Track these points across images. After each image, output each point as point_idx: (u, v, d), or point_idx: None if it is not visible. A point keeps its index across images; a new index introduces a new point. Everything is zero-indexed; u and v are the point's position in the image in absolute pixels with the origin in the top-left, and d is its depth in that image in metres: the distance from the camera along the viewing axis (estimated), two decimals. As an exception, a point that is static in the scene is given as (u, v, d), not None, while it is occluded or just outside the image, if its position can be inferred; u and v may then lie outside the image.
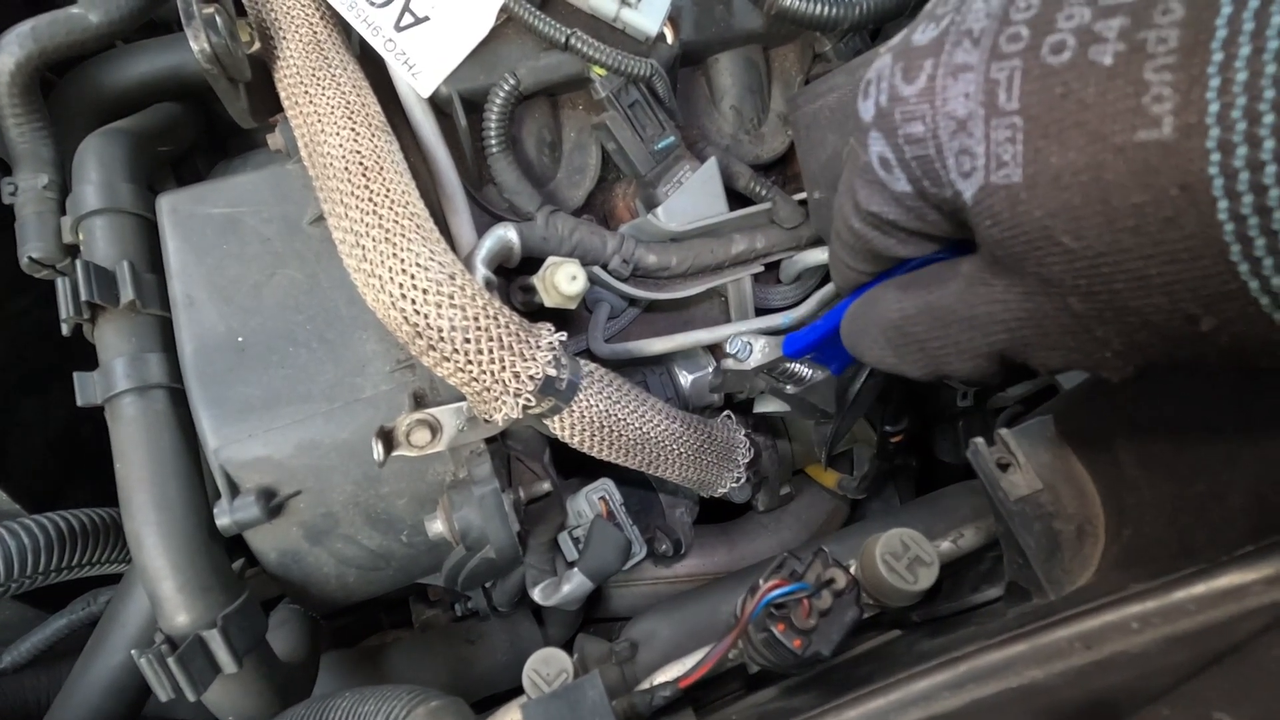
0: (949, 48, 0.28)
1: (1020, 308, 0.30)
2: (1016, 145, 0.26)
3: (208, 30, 0.55)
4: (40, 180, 0.68)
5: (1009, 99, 0.26)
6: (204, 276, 0.63)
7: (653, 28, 0.65)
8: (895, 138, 0.30)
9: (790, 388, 0.61)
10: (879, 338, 0.38)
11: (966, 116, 0.27)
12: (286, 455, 0.60)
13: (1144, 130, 0.23)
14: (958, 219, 0.31)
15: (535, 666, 0.55)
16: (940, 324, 0.34)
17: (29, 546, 0.64)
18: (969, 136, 0.27)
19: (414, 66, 0.63)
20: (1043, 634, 0.39)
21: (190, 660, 0.54)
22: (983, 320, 0.32)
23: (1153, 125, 0.23)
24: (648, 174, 0.70)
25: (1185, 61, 0.22)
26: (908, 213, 0.32)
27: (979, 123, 0.27)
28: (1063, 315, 0.28)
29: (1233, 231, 0.22)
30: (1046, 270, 0.27)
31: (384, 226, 0.53)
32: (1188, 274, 0.24)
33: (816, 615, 0.47)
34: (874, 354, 0.39)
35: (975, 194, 0.28)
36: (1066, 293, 0.27)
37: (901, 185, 0.31)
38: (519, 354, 0.54)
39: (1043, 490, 0.50)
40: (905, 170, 0.31)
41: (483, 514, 0.60)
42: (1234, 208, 0.22)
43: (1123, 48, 0.23)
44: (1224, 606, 0.33)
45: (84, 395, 0.62)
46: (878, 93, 0.31)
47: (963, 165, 0.28)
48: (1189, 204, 0.22)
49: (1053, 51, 0.25)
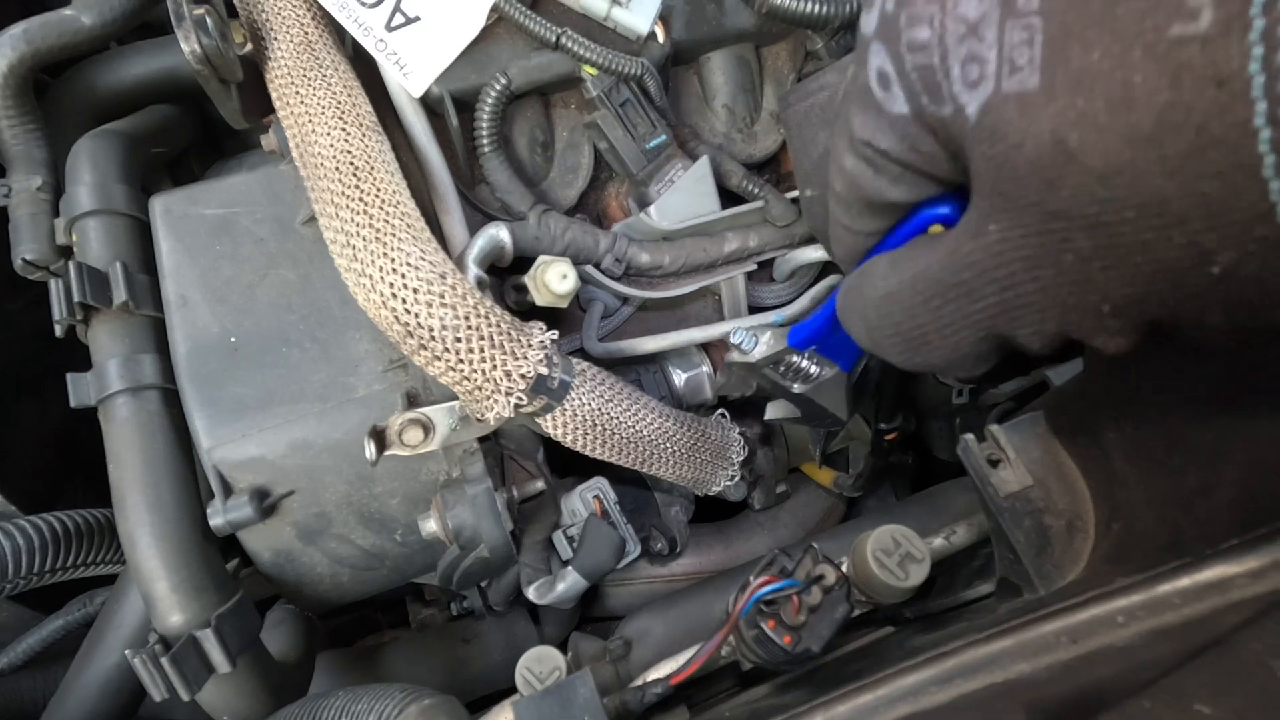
0: None
1: (1015, 256, 0.28)
2: (1034, 48, 0.24)
3: (198, 31, 0.55)
4: (34, 182, 0.68)
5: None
6: (197, 277, 0.63)
7: (644, 27, 0.65)
8: (898, 45, 0.28)
9: (798, 386, 0.60)
10: (863, 313, 0.37)
11: (979, 18, 0.26)
12: (279, 455, 0.60)
13: (1179, 24, 0.21)
14: (953, 148, 0.29)
15: (528, 664, 0.55)
16: (923, 299, 0.32)
17: (24, 547, 0.64)
18: (979, 41, 0.26)
19: (405, 66, 0.63)
20: (1030, 629, 0.39)
21: (184, 660, 0.55)
22: (971, 283, 0.30)
23: (1189, 19, 0.21)
24: (640, 173, 0.70)
25: None
26: (902, 141, 0.30)
27: (992, 25, 0.25)
28: (1064, 257, 0.26)
29: (1269, 140, 0.21)
30: (1052, 196, 0.25)
31: (374, 226, 0.53)
32: (1212, 195, 0.22)
33: (806, 611, 0.47)
34: (858, 331, 0.38)
35: (981, 106, 0.26)
36: (1072, 225, 0.25)
37: (899, 106, 0.29)
38: (510, 353, 0.54)
39: (1033, 486, 0.50)
40: (904, 84, 0.29)
41: (476, 513, 0.60)
42: (1274, 111, 0.20)
43: None
44: (1208, 600, 0.33)
45: (77, 396, 0.62)
46: (883, 1, 0.29)
47: (969, 74, 0.26)
48: (1223, 105, 0.21)
49: None
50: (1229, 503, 0.39)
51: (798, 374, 0.59)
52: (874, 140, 0.31)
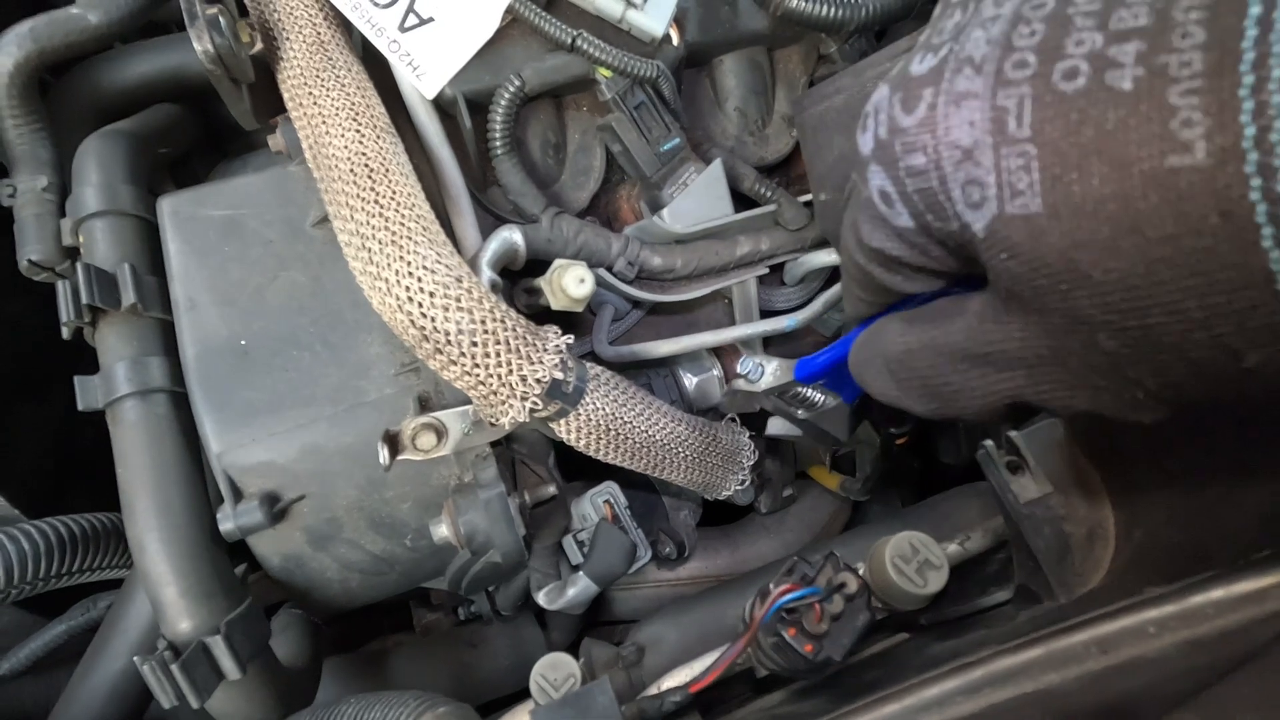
0: (949, 75, 0.27)
1: (1042, 345, 0.28)
2: (1032, 174, 0.25)
3: (211, 31, 0.54)
4: (39, 182, 0.67)
5: (1020, 126, 0.25)
6: (206, 279, 0.63)
7: (658, 29, 0.65)
8: (896, 170, 0.29)
9: (802, 412, 0.61)
10: (883, 370, 0.37)
11: (972, 145, 0.26)
12: (290, 460, 0.59)
13: (1175, 156, 0.22)
14: (964, 254, 0.29)
15: (542, 671, 0.54)
16: (948, 361, 0.32)
17: (29, 552, 0.63)
18: (976, 166, 0.26)
19: (418, 68, 0.63)
20: (1058, 638, 0.38)
21: (194, 667, 0.54)
22: (997, 359, 0.30)
23: (1184, 151, 0.22)
24: (653, 176, 0.69)
25: (1213, 85, 0.21)
26: (911, 248, 0.31)
27: (987, 151, 0.26)
28: (1090, 353, 0.27)
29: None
30: (1072, 305, 0.26)
31: (391, 229, 0.52)
32: (1230, 306, 0.23)
33: (828, 620, 0.47)
34: (878, 386, 0.38)
35: (988, 225, 0.27)
36: (1095, 329, 0.26)
37: (904, 220, 0.30)
38: (526, 357, 0.53)
39: (1053, 493, 0.50)
40: (907, 204, 0.29)
41: (489, 518, 0.60)
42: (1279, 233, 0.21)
43: (1142, 72, 0.22)
44: (1244, 611, 0.33)
45: (85, 399, 0.61)
46: (876, 125, 0.30)
47: (970, 196, 0.27)
48: (1230, 233, 0.22)
49: (1065, 78, 0.24)
50: (1257, 513, 0.39)
51: (802, 402, 0.61)
52: (884, 249, 0.32)
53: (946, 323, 0.32)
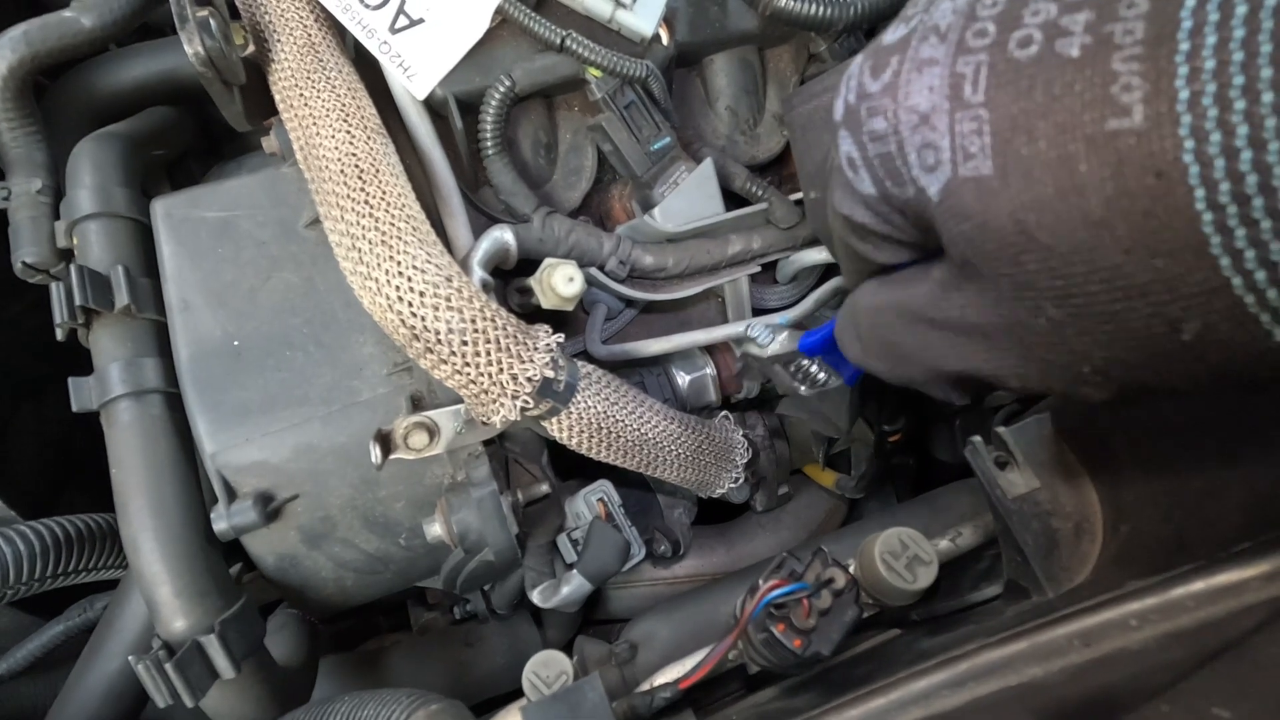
0: (915, 43, 0.28)
1: (993, 314, 0.29)
2: (984, 137, 0.26)
3: (202, 33, 0.54)
4: (34, 185, 0.68)
5: (975, 91, 0.26)
6: (199, 280, 0.63)
7: (648, 29, 0.65)
8: (860, 135, 0.30)
9: (804, 389, 0.62)
10: (854, 331, 0.38)
11: (929, 110, 0.27)
12: (283, 459, 0.59)
13: (1114, 119, 0.23)
14: (923, 224, 0.30)
15: (535, 669, 0.55)
16: (908, 324, 0.33)
17: (24, 553, 0.64)
18: (932, 130, 0.27)
19: (409, 69, 0.63)
20: (1042, 632, 0.39)
21: (188, 666, 0.54)
22: (953, 327, 0.31)
23: (1123, 114, 0.22)
24: (644, 175, 0.70)
25: (1152, 52, 0.22)
26: (875, 216, 0.32)
27: (943, 115, 0.27)
28: (1038, 324, 0.27)
29: (1212, 222, 0.22)
30: (1019, 271, 0.26)
31: (380, 229, 0.53)
32: (1166, 271, 0.23)
33: (816, 615, 0.47)
34: (852, 350, 0.39)
35: (941, 189, 0.27)
36: (1042, 297, 0.26)
37: (866, 187, 0.31)
38: (516, 356, 0.54)
39: (1040, 488, 0.50)
40: (869, 170, 0.30)
41: (481, 516, 0.60)
42: (1212, 196, 0.22)
43: (1089, 40, 0.23)
44: (1222, 603, 0.33)
45: (79, 401, 0.61)
46: (847, 91, 0.31)
47: (926, 159, 0.28)
48: (1164, 193, 0.22)
49: (1019, 46, 0.25)
50: (1238, 505, 0.39)
51: (806, 377, 0.61)
52: (852, 215, 0.33)
53: (911, 286, 0.33)
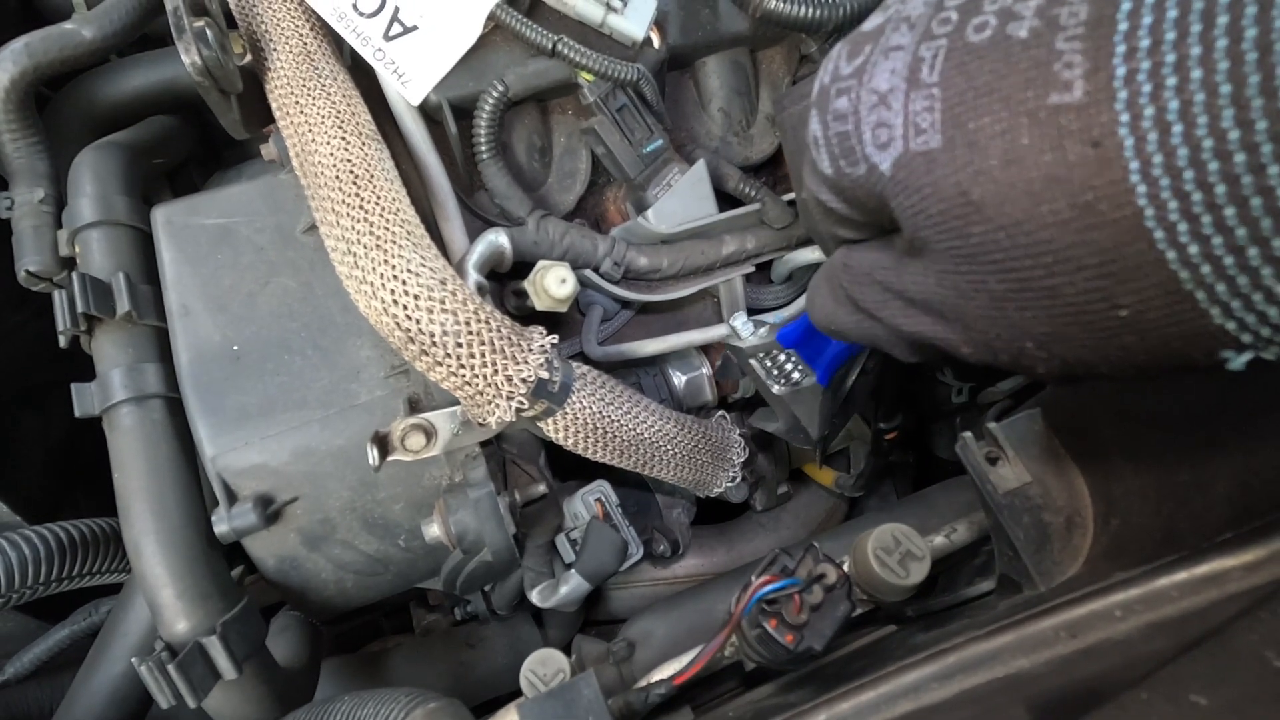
0: (888, 31, 0.29)
1: (941, 288, 0.30)
2: (935, 113, 0.27)
3: (198, 43, 0.55)
4: (36, 194, 0.69)
5: (931, 73, 0.27)
6: (199, 286, 0.64)
7: (639, 33, 0.66)
8: (825, 114, 0.31)
9: (777, 387, 0.63)
10: (826, 286, 0.39)
11: (888, 90, 0.28)
12: (283, 462, 0.60)
13: (1055, 94, 0.24)
14: (873, 203, 0.31)
15: (532, 667, 0.55)
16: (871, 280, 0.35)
17: (30, 558, 0.64)
18: (887, 109, 0.28)
19: (404, 75, 0.64)
20: (1029, 624, 0.39)
21: (190, 667, 0.55)
22: (908, 296, 0.32)
23: (1064, 89, 0.24)
24: (637, 177, 0.70)
25: (1093, 31, 0.23)
26: (835, 194, 0.33)
27: (899, 96, 0.28)
28: (981, 297, 0.28)
29: (1146, 194, 0.23)
30: (965, 244, 0.27)
31: (375, 234, 0.53)
32: (1103, 244, 0.24)
33: (808, 610, 0.47)
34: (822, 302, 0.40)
35: (893, 163, 0.29)
36: (984, 270, 0.27)
37: (825, 165, 0.32)
38: (511, 357, 0.54)
39: (1031, 483, 0.50)
40: (828, 149, 0.31)
41: (478, 517, 0.60)
42: (1145, 169, 0.22)
43: (1038, 23, 0.24)
44: (1205, 593, 0.34)
45: (82, 406, 0.62)
46: (824, 73, 0.32)
47: (879, 137, 0.29)
48: (1101, 165, 0.23)
49: (976, 30, 0.26)
50: (1224, 496, 0.39)
51: (781, 373, 0.63)
52: (816, 194, 0.34)
53: (877, 251, 0.35)
